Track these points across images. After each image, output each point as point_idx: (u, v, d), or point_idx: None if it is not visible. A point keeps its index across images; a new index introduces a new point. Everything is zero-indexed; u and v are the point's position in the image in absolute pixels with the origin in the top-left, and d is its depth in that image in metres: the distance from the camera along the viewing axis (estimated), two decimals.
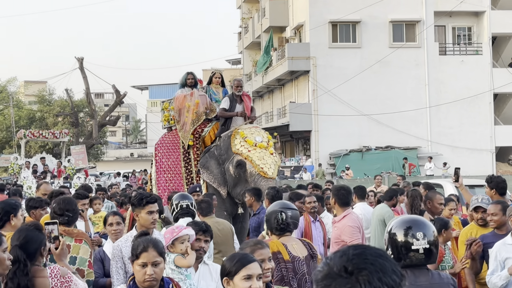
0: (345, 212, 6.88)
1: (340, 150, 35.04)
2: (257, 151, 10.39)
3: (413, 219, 3.97)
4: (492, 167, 35.91)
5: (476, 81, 36.02)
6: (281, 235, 5.37)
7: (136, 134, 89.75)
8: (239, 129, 10.83)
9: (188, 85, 11.98)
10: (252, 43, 45.05)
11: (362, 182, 29.86)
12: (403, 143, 35.28)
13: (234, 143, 10.59)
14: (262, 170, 10.16)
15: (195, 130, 11.52)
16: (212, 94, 11.98)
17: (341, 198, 6.93)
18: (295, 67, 35.71)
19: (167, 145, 11.85)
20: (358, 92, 34.86)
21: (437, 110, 35.77)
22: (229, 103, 11.26)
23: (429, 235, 3.78)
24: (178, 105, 11.63)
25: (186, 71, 12.46)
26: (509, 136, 36.51)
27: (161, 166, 11.72)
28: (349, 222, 6.77)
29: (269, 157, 10.39)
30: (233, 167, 10.51)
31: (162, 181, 11.64)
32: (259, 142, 10.51)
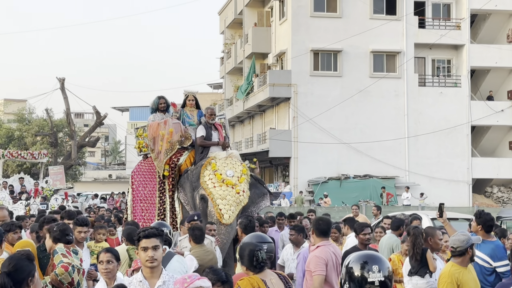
0: (321, 242, 6.89)
1: (319, 178, 35.20)
2: (222, 189, 10.23)
3: (369, 254, 4.12)
4: (469, 198, 36.28)
5: (454, 113, 36.49)
6: (260, 272, 5.42)
7: (115, 155, 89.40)
8: (214, 159, 10.68)
9: (160, 109, 11.77)
10: (234, 69, 45.31)
11: (340, 210, 30.08)
12: (381, 172, 35.54)
13: (203, 174, 10.47)
14: (220, 212, 10.03)
15: (170, 160, 11.27)
16: (186, 118, 11.75)
17: (318, 229, 6.95)
18: (276, 93, 35.94)
19: (144, 173, 11.59)
20: (338, 121, 35.16)
21: (415, 140, 36.13)
22: (205, 131, 11.14)
23: (384, 269, 3.92)
24: (152, 133, 11.39)
25: (157, 96, 12.19)
26: (486, 168, 36.95)
27: (137, 194, 11.48)
28: (318, 253, 6.77)
29: (233, 196, 10.20)
30: (198, 199, 10.48)
31: (138, 210, 11.41)
32: (228, 178, 10.35)
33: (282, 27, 37.54)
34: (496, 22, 38.49)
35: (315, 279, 6.61)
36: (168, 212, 11.23)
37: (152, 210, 11.31)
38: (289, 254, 9.20)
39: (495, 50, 37.31)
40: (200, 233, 8.27)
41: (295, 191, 34.40)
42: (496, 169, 37.18)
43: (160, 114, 11.73)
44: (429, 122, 36.18)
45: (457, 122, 36.37)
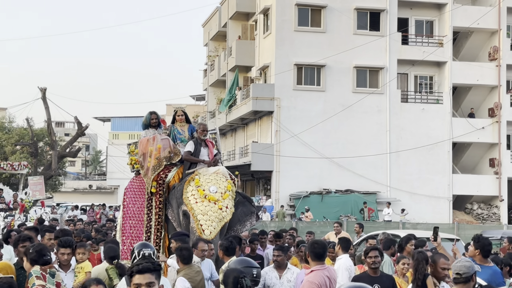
0: (315, 267, 6.78)
1: (300, 192, 35.18)
2: (204, 204, 10.10)
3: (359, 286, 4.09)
4: (449, 215, 36.44)
5: (436, 130, 36.69)
6: None
7: (96, 165, 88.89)
8: (198, 174, 10.57)
9: (152, 125, 11.58)
10: (217, 81, 45.27)
11: (321, 225, 30.07)
12: (363, 188, 35.60)
13: (186, 190, 10.37)
14: (200, 228, 9.88)
15: (158, 176, 11.12)
16: (177, 134, 11.58)
17: (314, 252, 6.86)
18: (259, 107, 35.92)
19: (135, 190, 11.43)
20: (320, 135, 35.19)
21: (397, 156, 36.25)
22: (193, 147, 11.01)
23: None
24: (142, 150, 11.28)
25: (149, 111, 11.97)
26: (466, 184, 37.15)
27: (127, 212, 11.30)
28: (311, 278, 6.66)
29: (215, 212, 10.05)
30: (181, 215, 10.36)
31: (127, 228, 11.22)
32: (211, 194, 10.19)
33: (266, 40, 37.60)
34: (478, 40, 38.81)
35: None
36: (153, 230, 11.07)
37: (140, 227, 11.16)
38: (273, 278, 8.79)
39: (476, 67, 37.63)
40: (188, 254, 8.13)
41: (277, 205, 34.34)
42: (476, 186, 37.39)
43: (152, 130, 11.53)
44: (411, 138, 36.34)
45: (438, 139, 36.56)
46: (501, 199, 37.43)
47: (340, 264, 9.35)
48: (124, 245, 10.88)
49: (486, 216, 37.64)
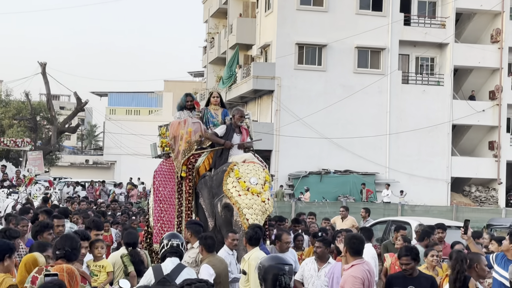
0: (355, 261, 6.70)
1: (300, 172, 35.18)
2: (248, 197, 9.74)
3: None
4: (447, 197, 36.53)
5: (436, 112, 36.63)
6: None
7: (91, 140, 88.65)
8: (236, 165, 10.09)
9: (188, 107, 11.36)
10: (217, 59, 45.01)
11: (320, 206, 30.08)
12: (362, 168, 35.61)
13: (227, 182, 9.92)
14: (247, 222, 9.53)
15: (187, 160, 10.88)
16: (210, 117, 11.27)
17: (353, 248, 6.76)
18: (259, 86, 35.79)
19: (165, 173, 11.20)
20: (320, 115, 35.06)
21: (396, 137, 36.22)
22: (224, 132, 10.64)
23: None
24: (173, 133, 11.01)
25: (185, 93, 11.84)
26: (465, 167, 37.20)
27: (157, 195, 11.10)
28: (353, 273, 6.60)
29: (259, 205, 9.70)
30: (221, 207, 10.00)
31: (157, 211, 11.04)
32: (252, 186, 9.78)
33: (267, 19, 37.34)
34: (481, 22, 38.63)
35: None
36: (184, 215, 10.90)
37: (171, 212, 10.98)
38: (312, 269, 8.61)
39: (478, 50, 37.48)
40: (212, 242, 8.09)
41: (276, 184, 34.31)
42: (475, 168, 37.44)
43: (187, 112, 11.34)
44: (411, 119, 36.29)
45: (438, 121, 36.52)
46: (499, 182, 37.51)
47: (365, 254, 9.36)
48: (154, 229, 10.84)
49: (484, 199, 37.76)
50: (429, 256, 8.77)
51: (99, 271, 8.25)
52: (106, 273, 8.28)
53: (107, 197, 30.96)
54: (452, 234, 11.91)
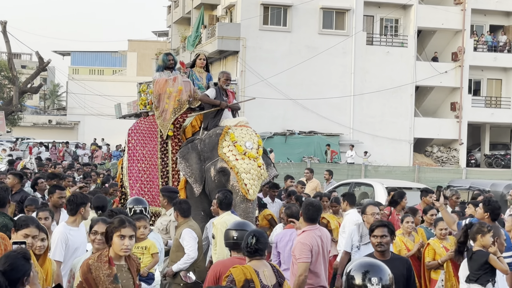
0: (307, 227, 6.73)
1: (264, 133, 35.17)
2: (245, 162, 9.48)
3: (371, 263, 4.09)
4: (410, 157, 37.05)
5: (399, 73, 36.90)
6: (252, 258, 5.38)
7: (54, 99, 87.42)
8: (230, 129, 9.83)
9: (169, 66, 10.98)
10: (182, 18, 44.56)
11: (284, 166, 30.32)
12: (326, 129, 35.86)
13: (222, 145, 9.67)
14: (245, 188, 9.33)
15: (176, 120, 10.52)
16: (195, 80, 10.95)
17: (307, 214, 6.77)
18: (224, 46, 35.61)
19: (143, 132, 10.83)
20: (285, 76, 35.09)
21: (360, 98, 36.47)
22: (214, 95, 10.27)
23: (385, 279, 3.88)
24: (158, 90, 10.58)
25: (165, 53, 11.48)
26: (427, 128, 37.70)
27: (134, 154, 10.70)
28: (302, 239, 6.62)
29: (256, 170, 9.50)
30: (215, 171, 9.70)
31: (134, 171, 10.63)
32: (249, 150, 9.58)
33: None
34: None
35: (299, 266, 6.48)
36: (170, 175, 10.56)
37: (153, 172, 10.60)
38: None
39: (442, 11, 37.68)
40: (188, 207, 8.08)
41: None
42: (437, 129, 37.98)
43: (167, 72, 10.94)
44: (375, 81, 36.52)
45: (402, 82, 36.82)
46: (460, 142, 38.14)
47: (348, 219, 9.33)
48: (132, 189, 10.45)
49: (445, 159, 38.40)
50: (404, 222, 8.76)
51: (142, 253, 7.32)
52: (151, 255, 7.34)
53: (71, 158, 30.75)
54: (414, 196, 12.05)
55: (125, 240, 5.10)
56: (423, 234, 8.83)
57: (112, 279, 4.99)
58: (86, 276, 5.01)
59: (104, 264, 5.03)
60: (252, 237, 5.32)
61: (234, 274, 5.21)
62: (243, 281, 5.17)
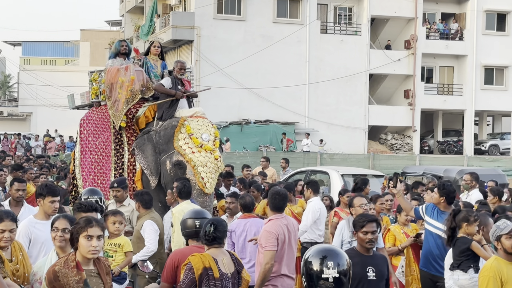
0: (274, 216, 6.70)
1: (220, 122, 35.09)
2: (202, 155, 9.42)
3: (329, 248, 4.12)
4: (364, 145, 37.41)
5: (353, 61, 37.17)
6: (211, 246, 5.36)
7: (5, 90, 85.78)
8: (186, 120, 9.69)
9: (122, 52, 10.81)
10: (135, 8, 44.07)
11: (240, 156, 30.36)
12: (282, 118, 35.96)
13: (178, 138, 9.54)
14: (202, 181, 9.25)
15: (128, 111, 10.29)
16: (150, 68, 10.74)
17: (273, 203, 6.75)
18: (179, 36, 35.35)
19: (96, 123, 10.56)
20: (240, 65, 35.02)
21: (315, 87, 36.65)
22: (170, 84, 10.11)
23: (342, 264, 3.92)
24: (110, 79, 10.34)
25: (119, 39, 11.24)
26: (381, 115, 38.11)
27: (87, 145, 10.43)
28: (268, 227, 6.60)
29: (213, 163, 9.44)
30: (171, 164, 9.58)
31: (87, 163, 10.38)
32: (205, 142, 9.51)
33: None
34: None
35: (265, 254, 6.45)
36: (126, 166, 10.35)
37: (106, 163, 10.38)
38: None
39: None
40: (149, 198, 7.99)
41: None
42: (391, 116, 38.41)
43: (120, 59, 10.75)
44: (329, 69, 36.72)
45: (356, 70, 37.11)
46: (414, 129, 38.65)
47: (310, 207, 9.35)
48: (85, 181, 10.22)
49: (399, 146, 38.89)
50: (378, 203, 8.85)
51: (114, 251, 7.05)
52: (124, 253, 7.09)
53: (24, 150, 30.23)
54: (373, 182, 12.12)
55: (92, 240, 4.66)
56: (388, 222, 8.85)
57: (82, 285, 4.59)
58: (53, 284, 4.61)
59: (71, 270, 4.61)
60: (211, 225, 5.30)
61: (192, 262, 5.18)
62: (202, 269, 5.13)
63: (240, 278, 5.38)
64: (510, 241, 5.32)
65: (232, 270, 5.33)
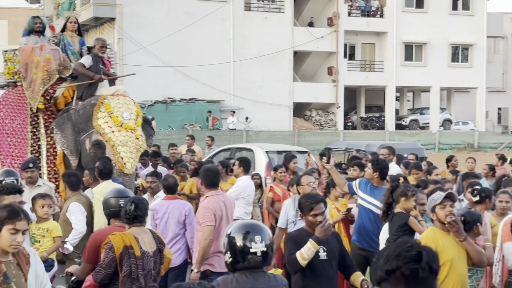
0: (210, 193, 6.71)
1: (145, 101, 34.74)
2: (122, 134, 9.19)
3: (250, 223, 4.18)
4: (289, 122, 37.77)
5: (277, 38, 37.33)
6: (132, 225, 5.35)
7: None
8: (106, 99, 9.40)
9: (36, 30, 10.41)
10: None
11: (166, 134, 30.20)
12: (207, 96, 35.86)
13: (97, 116, 9.27)
14: (122, 161, 9.06)
15: (45, 92, 9.96)
16: (67, 45, 10.43)
17: (207, 180, 6.75)
18: (100, 13, 34.69)
19: (12, 104, 10.21)
20: (164, 43, 34.64)
21: (240, 64, 36.66)
22: (91, 63, 9.83)
23: (266, 238, 3.99)
24: (25, 59, 9.98)
25: (32, 16, 10.82)
26: (306, 92, 38.50)
27: (3, 128, 10.13)
28: (206, 204, 6.61)
29: (133, 142, 9.25)
30: (90, 144, 9.35)
31: (5, 146, 10.08)
32: (125, 121, 9.28)
33: None
34: None
35: (204, 230, 6.47)
36: (44, 149, 10.06)
37: (22, 146, 10.04)
38: None
39: None
40: (76, 179, 7.82)
41: None
42: (315, 93, 38.87)
43: (35, 37, 10.36)
44: (254, 46, 36.79)
45: (280, 48, 37.30)
46: (337, 106, 39.24)
47: (237, 185, 9.32)
48: (3, 165, 9.88)
49: (324, 123, 39.45)
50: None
51: (42, 235, 6.82)
52: (52, 239, 6.88)
53: None
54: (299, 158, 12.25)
55: (17, 235, 4.21)
56: None
57: (2, 278, 4.20)
58: None
59: None
60: (131, 204, 5.29)
61: (113, 241, 5.17)
62: (122, 248, 5.13)
63: (162, 256, 5.41)
64: (443, 211, 5.43)
65: (153, 248, 5.35)
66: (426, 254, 2.36)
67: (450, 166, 12.07)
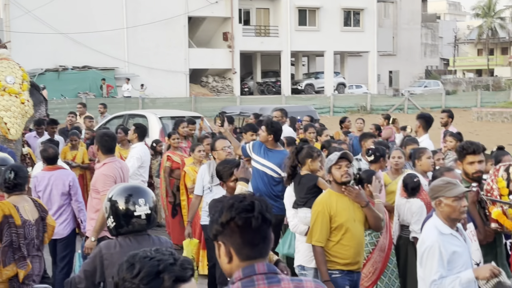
0: (107, 159, 6.52)
1: (35, 69, 33.62)
2: (5, 99, 8.79)
3: (132, 186, 4.14)
4: (186, 88, 37.56)
5: (171, 4, 36.86)
6: (11, 194, 5.20)
7: None
8: None
9: None
10: None
11: (59, 103, 29.36)
12: (101, 64, 35.08)
13: None
14: (5, 127, 8.72)
15: None
16: None
17: (105, 146, 6.55)
18: None
19: None
20: (53, 8, 33.50)
21: (134, 31, 35.99)
22: None
23: (149, 201, 3.96)
24: None
25: None
26: (201, 58, 38.33)
27: None
28: (105, 171, 6.43)
29: (18, 107, 8.88)
30: None
31: None
32: (9, 85, 8.87)
33: None
34: None
35: (103, 198, 6.32)
36: None
37: None
38: None
39: None
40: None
41: None
42: (211, 59, 38.75)
43: None
44: (148, 12, 36.15)
45: (174, 13, 36.83)
46: (234, 71, 39.31)
47: (134, 153, 9.09)
48: None
49: (220, 89, 39.45)
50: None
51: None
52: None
53: None
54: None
55: None
56: None
57: None
58: None
59: None
60: (10, 172, 5.14)
61: None
62: (2, 217, 4.99)
63: (45, 224, 5.28)
64: (339, 171, 5.37)
65: (35, 216, 5.22)
66: (259, 204, 2.42)
67: (343, 127, 12.48)
